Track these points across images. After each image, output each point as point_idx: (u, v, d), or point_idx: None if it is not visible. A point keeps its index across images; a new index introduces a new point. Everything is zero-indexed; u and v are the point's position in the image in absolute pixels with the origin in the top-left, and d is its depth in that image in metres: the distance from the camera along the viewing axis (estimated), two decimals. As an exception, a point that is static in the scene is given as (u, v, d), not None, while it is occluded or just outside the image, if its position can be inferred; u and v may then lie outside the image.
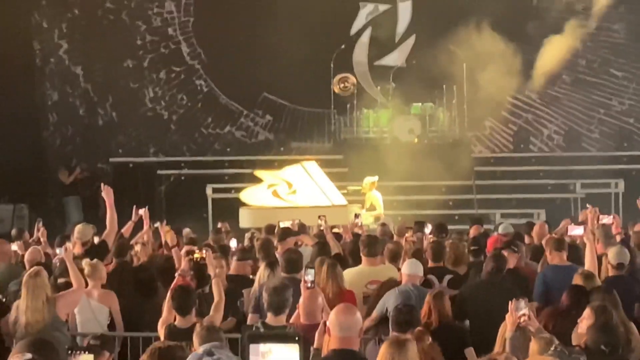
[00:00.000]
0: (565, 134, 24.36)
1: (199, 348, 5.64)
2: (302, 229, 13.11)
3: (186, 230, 14.26)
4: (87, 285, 9.47)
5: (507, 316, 6.71)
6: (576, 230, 9.91)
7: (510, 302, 6.78)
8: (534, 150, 24.15)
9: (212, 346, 5.18)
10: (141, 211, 12.52)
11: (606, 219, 11.45)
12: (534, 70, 23.22)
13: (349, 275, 9.66)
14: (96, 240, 11.41)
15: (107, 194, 11.46)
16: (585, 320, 6.80)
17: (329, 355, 5.83)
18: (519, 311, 6.64)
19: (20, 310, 8.76)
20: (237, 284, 9.80)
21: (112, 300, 9.57)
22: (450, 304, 8.31)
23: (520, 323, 6.63)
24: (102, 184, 11.70)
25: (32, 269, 9.21)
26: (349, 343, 5.75)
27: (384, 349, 6.15)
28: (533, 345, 6.12)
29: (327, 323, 5.89)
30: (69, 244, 10.48)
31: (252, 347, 4.03)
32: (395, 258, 10.02)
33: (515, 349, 6.46)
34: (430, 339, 7.38)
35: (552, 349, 5.81)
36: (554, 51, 23.14)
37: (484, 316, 8.27)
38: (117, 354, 8.43)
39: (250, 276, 10.39)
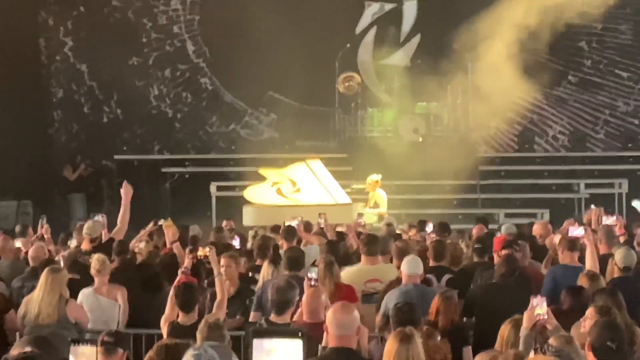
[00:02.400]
0: (570, 135, 24.34)
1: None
2: (308, 227, 13.10)
3: (195, 228, 14.22)
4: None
5: (525, 313, 6.66)
6: (577, 231, 9.89)
7: (517, 303, 6.73)
8: (539, 150, 24.13)
9: (210, 346, 5.19)
10: (160, 222, 12.38)
11: (609, 220, 11.41)
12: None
13: (349, 274, 9.67)
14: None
15: (126, 192, 11.44)
16: (589, 320, 6.77)
17: (327, 353, 5.83)
18: (538, 309, 6.57)
19: (33, 302, 8.79)
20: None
21: (121, 293, 9.55)
22: (458, 306, 8.29)
23: (538, 321, 6.58)
24: (124, 181, 11.61)
25: (54, 265, 9.26)
26: (346, 341, 5.75)
27: (390, 343, 6.16)
28: (552, 344, 6.08)
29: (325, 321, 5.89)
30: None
31: (255, 342, 4.02)
32: (403, 256, 10.00)
33: (528, 347, 6.42)
34: (439, 336, 7.38)
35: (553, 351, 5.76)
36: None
37: (493, 318, 8.26)
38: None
39: (250, 274, 10.42)
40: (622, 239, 11.01)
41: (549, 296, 8.94)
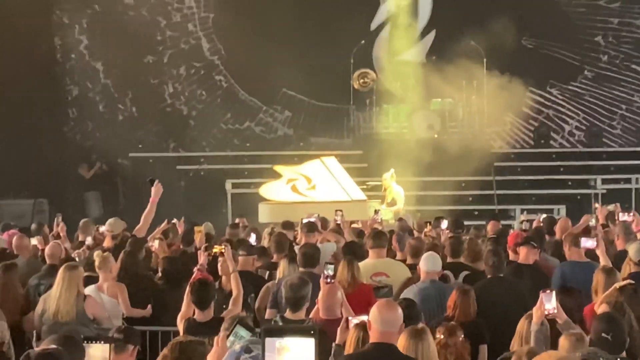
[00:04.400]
0: (587, 130, 24.24)
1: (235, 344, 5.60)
2: (324, 223, 13.08)
3: (208, 226, 14.26)
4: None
5: (535, 309, 6.65)
6: (588, 243, 9.83)
7: (515, 295, 6.73)
8: (555, 146, 24.04)
9: (250, 342, 5.16)
10: (174, 220, 12.43)
11: (626, 216, 11.37)
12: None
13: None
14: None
15: (156, 190, 11.43)
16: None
17: (368, 349, 5.85)
18: (548, 304, 6.56)
19: (51, 299, 8.81)
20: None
21: (120, 291, 9.54)
22: (475, 302, 8.26)
23: (547, 316, 6.56)
24: (156, 180, 11.62)
25: (70, 262, 9.29)
26: (389, 338, 5.79)
27: (401, 339, 6.15)
28: (563, 342, 6.07)
29: (368, 317, 5.90)
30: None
31: (267, 341, 3.97)
32: (417, 254, 9.97)
33: (539, 342, 6.41)
34: (462, 335, 7.35)
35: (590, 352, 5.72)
36: None
37: (493, 312, 8.26)
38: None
39: (258, 271, 10.43)
40: (639, 236, 10.95)
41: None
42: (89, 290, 9.50)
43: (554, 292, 6.67)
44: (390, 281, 9.50)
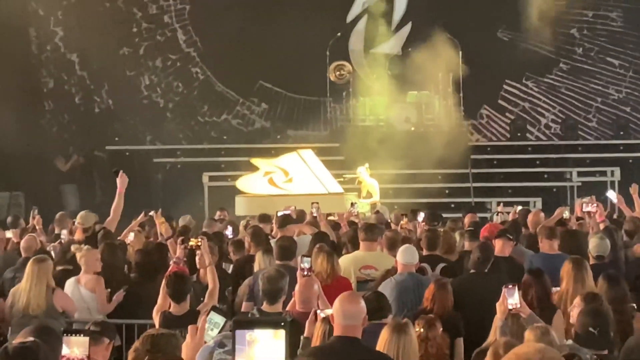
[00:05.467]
0: (562, 123, 24.36)
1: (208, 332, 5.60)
2: (301, 215, 13.08)
3: (186, 218, 14.21)
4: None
5: (498, 304, 6.70)
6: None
7: (496, 289, 6.77)
8: (531, 138, 24.14)
9: (224, 337, 5.17)
10: (152, 213, 12.37)
11: (590, 207, 11.40)
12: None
13: (345, 260, 9.67)
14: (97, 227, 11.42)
15: (121, 181, 11.39)
16: (575, 308, 6.79)
17: (332, 342, 5.84)
18: (510, 299, 6.63)
19: (21, 293, 8.78)
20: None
21: (97, 284, 9.49)
22: (452, 295, 8.28)
23: (510, 310, 6.62)
24: (120, 171, 11.57)
25: (38, 255, 9.24)
26: (352, 331, 5.77)
27: (385, 334, 6.16)
28: (528, 335, 6.10)
29: (331, 311, 5.89)
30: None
31: (238, 333, 3.97)
32: (393, 246, 10.00)
33: (504, 335, 6.44)
34: (441, 328, 7.37)
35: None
36: None
37: (474, 307, 8.27)
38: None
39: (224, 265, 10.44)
40: (602, 226, 10.99)
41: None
42: (68, 283, 9.47)
43: (516, 287, 6.72)
44: (379, 274, 9.51)
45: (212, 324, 5.12)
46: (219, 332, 5.49)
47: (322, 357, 5.74)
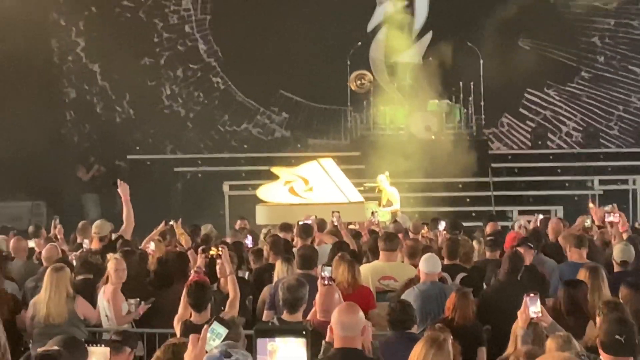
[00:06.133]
0: (584, 131, 24.26)
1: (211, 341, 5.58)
2: (322, 225, 13.06)
3: (208, 227, 14.22)
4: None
5: (519, 313, 6.65)
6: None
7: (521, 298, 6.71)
8: (552, 147, 24.05)
9: (228, 345, 5.15)
10: (172, 222, 12.39)
11: (612, 217, 11.33)
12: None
13: (364, 270, 9.64)
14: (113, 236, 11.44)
15: (123, 190, 11.44)
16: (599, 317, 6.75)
17: (332, 354, 5.80)
18: (532, 307, 6.58)
19: (41, 303, 8.77)
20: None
21: (112, 296, 9.44)
22: (473, 304, 8.24)
23: (532, 319, 6.57)
24: (118, 180, 11.65)
25: (56, 264, 9.23)
26: (351, 342, 5.72)
27: (420, 347, 6.07)
28: (550, 344, 6.06)
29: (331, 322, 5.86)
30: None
31: (259, 341, 3.97)
32: (413, 255, 9.97)
33: (526, 345, 6.40)
34: (451, 337, 7.34)
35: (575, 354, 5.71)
36: None
37: (504, 317, 8.22)
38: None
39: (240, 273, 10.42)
40: (625, 236, 10.94)
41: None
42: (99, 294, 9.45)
43: (538, 296, 6.66)
44: (398, 285, 9.47)
45: (215, 334, 5.11)
46: (221, 342, 5.48)
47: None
